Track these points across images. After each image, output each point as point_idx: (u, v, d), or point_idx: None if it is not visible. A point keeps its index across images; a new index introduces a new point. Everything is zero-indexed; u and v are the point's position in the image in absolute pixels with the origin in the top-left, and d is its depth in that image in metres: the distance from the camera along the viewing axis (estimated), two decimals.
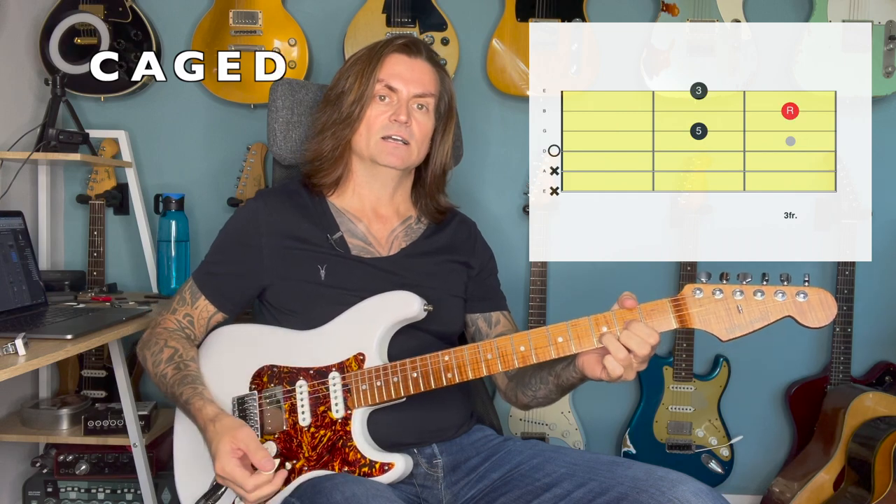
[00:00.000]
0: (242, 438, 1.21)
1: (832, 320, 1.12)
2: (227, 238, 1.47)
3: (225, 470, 1.19)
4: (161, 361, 1.37)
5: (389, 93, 1.44)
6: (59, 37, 2.31)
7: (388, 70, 1.44)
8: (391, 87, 1.44)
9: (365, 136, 1.44)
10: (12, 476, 2.29)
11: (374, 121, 1.43)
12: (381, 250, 1.46)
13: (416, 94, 1.45)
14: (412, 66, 1.46)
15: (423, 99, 1.46)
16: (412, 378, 1.25)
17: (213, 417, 1.25)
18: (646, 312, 1.16)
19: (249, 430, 1.24)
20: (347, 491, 1.13)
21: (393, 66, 1.45)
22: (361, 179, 1.50)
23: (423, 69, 1.47)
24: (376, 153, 1.43)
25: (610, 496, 1.18)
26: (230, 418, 1.26)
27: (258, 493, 1.20)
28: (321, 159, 1.48)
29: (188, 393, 1.31)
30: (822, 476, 2.19)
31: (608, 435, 2.51)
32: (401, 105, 1.43)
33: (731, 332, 1.14)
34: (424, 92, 1.45)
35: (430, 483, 1.35)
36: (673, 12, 2.30)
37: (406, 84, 1.44)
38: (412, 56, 1.47)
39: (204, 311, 1.44)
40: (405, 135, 1.43)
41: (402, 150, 1.43)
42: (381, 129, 1.43)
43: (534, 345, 1.21)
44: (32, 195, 2.36)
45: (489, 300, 1.56)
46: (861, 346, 2.39)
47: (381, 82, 1.44)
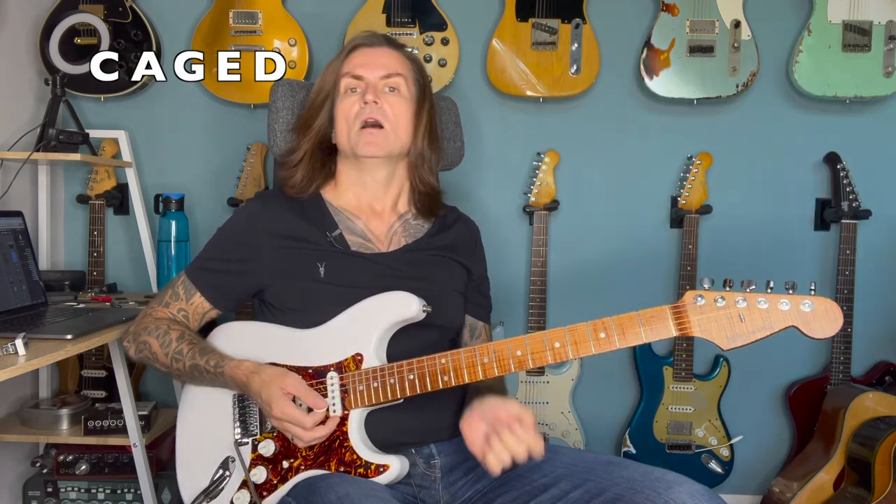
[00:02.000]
0: (291, 384, 1.25)
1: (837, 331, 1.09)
2: (225, 237, 1.47)
3: (284, 412, 1.23)
4: (171, 341, 1.39)
5: (357, 82, 1.46)
6: (59, 37, 2.32)
7: (352, 62, 1.47)
8: (357, 77, 1.45)
9: (345, 129, 1.45)
10: (12, 476, 2.30)
11: (349, 111, 1.45)
12: (380, 246, 1.46)
13: (382, 75, 1.45)
14: (375, 53, 1.48)
15: (392, 80, 1.46)
16: (408, 380, 1.25)
17: (255, 370, 1.29)
18: (644, 319, 1.15)
19: (296, 376, 1.27)
20: (341, 490, 1.14)
21: (357, 58, 1.47)
22: (351, 178, 1.50)
23: (386, 53, 1.48)
24: (356, 144, 1.44)
25: (606, 497, 1.18)
26: (272, 367, 1.29)
27: (316, 431, 1.24)
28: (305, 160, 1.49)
29: (215, 359, 1.34)
30: (822, 476, 2.19)
31: (608, 435, 2.51)
32: (368, 88, 1.44)
33: (732, 342, 1.12)
34: (390, 72, 1.46)
35: (427, 483, 1.35)
36: (673, 12, 2.30)
37: (370, 69, 1.45)
38: (373, 46, 1.49)
39: (199, 307, 1.45)
40: (377, 115, 1.43)
41: (377, 137, 1.43)
42: (355, 116, 1.43)
43: (530, 349, 1.20)
44: (32, 195, 2.36)
45: (479, 308, 1.57)
46: (861, 346, 2.39)
47: (347, 75, 1.46)
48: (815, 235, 2.44)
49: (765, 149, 2.43)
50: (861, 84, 2.28)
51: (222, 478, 1.33)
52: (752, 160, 2.43)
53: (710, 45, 2.29)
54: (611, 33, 2.40)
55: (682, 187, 2.36)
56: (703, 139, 2.42)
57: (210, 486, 1.33)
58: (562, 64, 2.32)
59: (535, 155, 2.41)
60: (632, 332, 1.16)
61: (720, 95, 2.30)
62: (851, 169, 2.33)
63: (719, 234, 2.43)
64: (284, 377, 1.26)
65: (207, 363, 1.34)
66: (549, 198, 2.36)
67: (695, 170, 2.34)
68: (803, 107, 2.42)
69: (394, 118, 1.45)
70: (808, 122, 2.41)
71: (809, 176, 2.43)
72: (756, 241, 2.44)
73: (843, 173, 2.32)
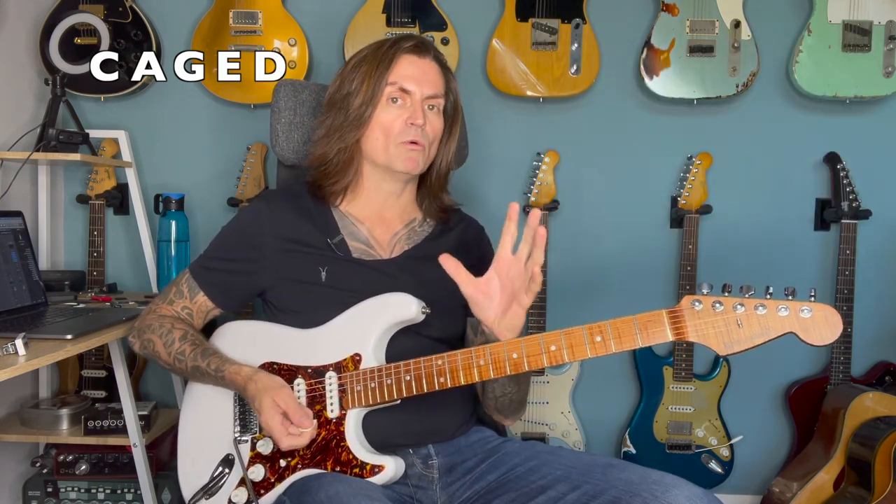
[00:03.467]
0: (283, 398, 1.27)
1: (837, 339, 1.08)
2: (230, 237, 1.47)
3: (268, 424, 1.26)
4: (174, 341, 1.40)
5: (402, 95, 1.42)
6: (59, 37, 2.32)
7: (399, 72, 1.42)
8: (404, 90, 1.41)
9: (382, 141, 1.42)
10: (12, 476, 2.30)
11: (391, 125, 1.41)
12: (382, 253, 1.46)
13: (430, 94, 1.43)
14: (423, 66, 1.43)
15: (435, 100, 1.44)
16: (405, 381, 1.25)
17: (252, 376, 1.31)
18: (641, 324, 1.14)
19: (289, 390, 1.29)
20: (331, 490, 1.15)
21: (405, 68, 1.42)
22: (371, 184, 1.48)
23: (433, 70, 1.45)
24: (394, 159, 1.41)
25: (604, 499, 1.18)
26: (269, 377, 1.31)
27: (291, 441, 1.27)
28: (327, 163, 1.46)
29: (216, 362, 1.35)
30: (822, 476, 2.19)
31: (608, 435, 2.51)
32: (416, 108, 1.41)
33: (729, 348, 1.11)
34: (436, 93, 1.43)
35: (424, 484, 1.35)
36: (673, 12, 2.30)
37: (420, 86, 1.42)
38: (422, 56, 1.44)
39: (203, 306, 1.46)
40: (422, 139, 1.41)
41: (417, 155, 1.42)
42: (400, 133, 1.41)
43: (526, 352, 1.20)
44: (32, 195, 2.36)
45: None
46: (861, 346, 2.38)
47: (394, 84, 1.41)
48: (815, 235, 2.44)
49: (765, 149, 2.43)
50: (861, 84, 2.28)
51: (222, 475, 1.34)
52: (752, 160, 2.43)
53: (710, 45, 2.29)
54: (611, 33, 2.40)
55: (682, 187, 2.36)
56: (703, 139, 2.42)
57: (209, 483, 1.35)
58: (562, 64, 2.32)
59: (535, 155, 2.40)
60: (628, 336, 1.15)
61: (720, 95, 2.30)
62: (851, 169, 2.33)
63: (719, 234, 2.43)
64: (279, 391, 1.27)
65: (209, 366, 1.35)
66: (549, 198, 2.36)
67: (695, 170, 2.34)
68: (803, 107, 2.41)
69: (432, 138, 1.45)
70: (808, 122, 2.41)
71: (809, 176, 2.43)
72: (756, 242, 2.44)
73: (843, 173, 2.32)
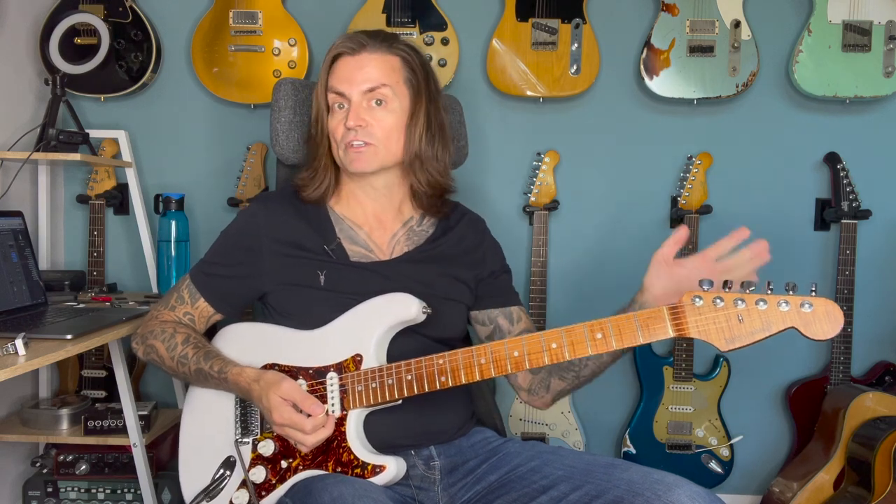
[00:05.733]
0: (286, 390, 1.25)
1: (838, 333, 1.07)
2: (228, 241, 1.47)
3: (283, 417, 1.24)
4: (177, 345, 1.39)
5: (342, 98, 1.41)
6: (59, 37, 2.31)
7: (334, 76, 1.42)
8: (340, 93, 1.41)
9: (335, 147, 1.44)
10: (12, 476, 2.30)
11: (336, 131, 1.42)
12: (381, 255, 1.45)
13: (366, 89, 1.39)
14: (357, 62, 1.40)
15: (376, 92, 1.39)
16: (406, 381, 1.25)
17: (256, 377, 1.29)
18: (642, 320, 1.14)
19: (292, 382, 1.27)
20: (335, 491, 1.14)
21: (339, 71, 1.41)
22: (353, 189, 1.48)
23: (368, 60, 1.40)
24: (346, 163, 1.42)
25: (605, 499, 1.18)
26: (271, 374, 1.30)
27: (317, 435, 1.24)
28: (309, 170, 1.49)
29: (219, 364, 1.34)
30: (822, 476, 2.19)
31: (608, 435, 2.51)
32: (351, 110, 1.39)
33: (730, 343, 1.10)
34: (374, 85, 1.39)
35: (426, 485, 1.35)
36: (673, 12, 2.30)
37: (351, 85, 1.39)
38: (356, 53, 1.40)
39: (205, 311, 1.46)
40: (363, 138, 1.39)
41: (364, 154, 1.40)
42: (342, 138, 1.41)
43: (527, 350, 1.20)
44: (32, 195, 2.36)
45: (505, 296, 1.54)
46: (861, 346, 2.39)
47: (332, 90, 1.42)
48: (815, 235, 2.44)
49: (765, 149, 2.43)
50: (861, 84, 2.28)
51: (223, 477, 1.34)
52: (752, 160, 2.43)
53: (710, 45, 2.29)
54: (611, 33, 2.40)
55: (682, 187, 2.36)
56: (703, 139, 2.42)
57: (210, 485, 1.34)
58: (562, 64, 2.32)
59: (534, 155, 2.40)
60: (629, 333, 1.15)
61: (720, 95, 2.30)
62: (851, 169, 2.33)
63: (719, 234, 2.38)
64: (281, 384, 1.26)
65: (211, 368, 1.34)
66: (549, 198, 2.36)
67: (695, 170, 2.34)
68: (803, 107, 2.41)
69: (383, 135, 1.40)
70: (808, 122, 2.41)
71: (809, 176, 2.43)
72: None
73: (843, 173, 2.32)
